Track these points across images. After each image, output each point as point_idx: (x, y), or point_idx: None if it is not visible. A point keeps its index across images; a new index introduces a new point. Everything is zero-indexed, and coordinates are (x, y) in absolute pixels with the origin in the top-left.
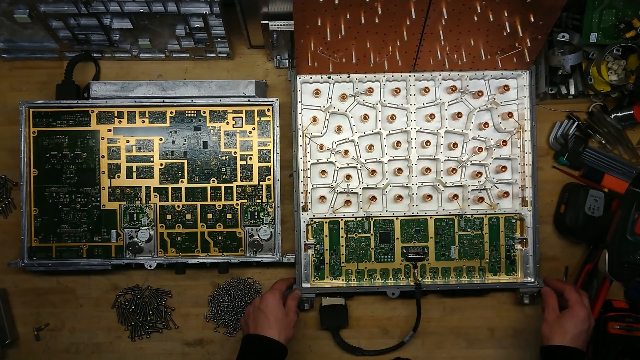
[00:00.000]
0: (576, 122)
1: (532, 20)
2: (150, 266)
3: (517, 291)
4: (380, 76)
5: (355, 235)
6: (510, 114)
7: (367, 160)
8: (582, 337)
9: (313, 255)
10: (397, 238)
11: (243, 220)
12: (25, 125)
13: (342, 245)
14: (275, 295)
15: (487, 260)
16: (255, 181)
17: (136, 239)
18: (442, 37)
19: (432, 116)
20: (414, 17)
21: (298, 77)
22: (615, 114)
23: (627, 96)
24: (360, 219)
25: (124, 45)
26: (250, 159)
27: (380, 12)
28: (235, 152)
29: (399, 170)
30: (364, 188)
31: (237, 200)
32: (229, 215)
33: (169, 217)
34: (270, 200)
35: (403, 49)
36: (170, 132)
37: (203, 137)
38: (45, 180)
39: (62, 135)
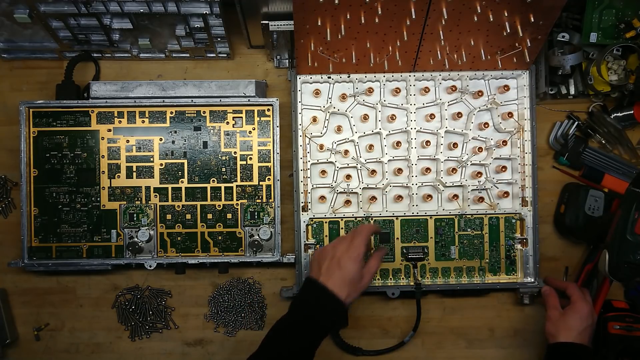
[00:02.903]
0: (576, 122)
1: (532, 20)
2: (150, 266)
3: (517, 291)
4: (380, 76)
5: None
6: (510, 114)
7: (367, 160)
8: (587, 332)
9: (313, 255)
10: (397, 238)
11: (243, 220)
12: (25, 125)
13: None
14: (359, 255)
15: (487, 260)
16: (255, 181)
17: (136, 239)
18: (442, 37)
19: (432, 116)
20: (414, 17)
21: (298, 77)
22: (615, 114)
23: (627, 96)
24: (360, 219)
25: (124, 45)
26: (250, 159)
27: (380, 12)
28: (235, 152)
29: (399, 170)
30: (364, 188)
31: (237, 200)
32: (229, 215)
33: (169, 217)
34: (270, 200)
35: (403, 49)
36: (170, 132)
37: (203, 137)
38: (45, 180)
39: (62, 135)
